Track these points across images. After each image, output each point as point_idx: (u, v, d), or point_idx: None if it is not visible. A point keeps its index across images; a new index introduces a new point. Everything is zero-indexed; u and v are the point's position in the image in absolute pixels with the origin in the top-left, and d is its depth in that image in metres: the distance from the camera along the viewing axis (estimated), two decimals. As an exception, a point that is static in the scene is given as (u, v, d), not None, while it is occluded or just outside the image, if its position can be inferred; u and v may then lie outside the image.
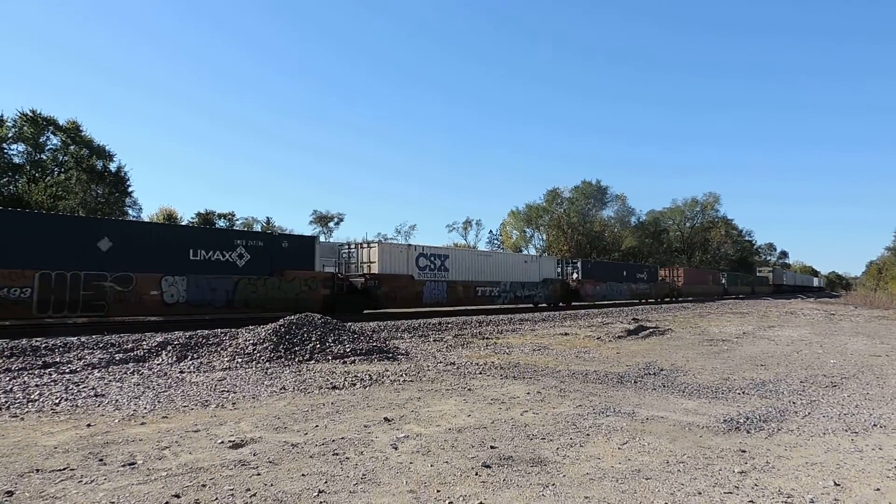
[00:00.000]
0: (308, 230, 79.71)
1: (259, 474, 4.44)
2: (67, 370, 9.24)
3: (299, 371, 9.63)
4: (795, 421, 6.68)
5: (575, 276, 39.32)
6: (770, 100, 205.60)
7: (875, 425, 6.52)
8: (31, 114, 37.40)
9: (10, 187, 36.36)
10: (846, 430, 6.26)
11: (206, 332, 12.38)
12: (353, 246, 26.56)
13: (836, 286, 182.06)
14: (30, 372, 9.00)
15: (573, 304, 38.41)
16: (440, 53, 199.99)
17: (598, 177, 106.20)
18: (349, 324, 13.41)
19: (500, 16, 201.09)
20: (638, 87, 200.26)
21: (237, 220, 67.59)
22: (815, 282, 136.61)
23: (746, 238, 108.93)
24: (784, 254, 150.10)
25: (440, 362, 11.10)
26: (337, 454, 4.99)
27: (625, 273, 45.83)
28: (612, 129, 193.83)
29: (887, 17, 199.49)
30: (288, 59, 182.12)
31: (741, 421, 6.55)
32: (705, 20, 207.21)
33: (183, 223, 50.50)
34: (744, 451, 5.31)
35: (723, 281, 66.03)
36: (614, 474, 4.59)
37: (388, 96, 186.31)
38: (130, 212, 44.60)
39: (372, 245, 25.58)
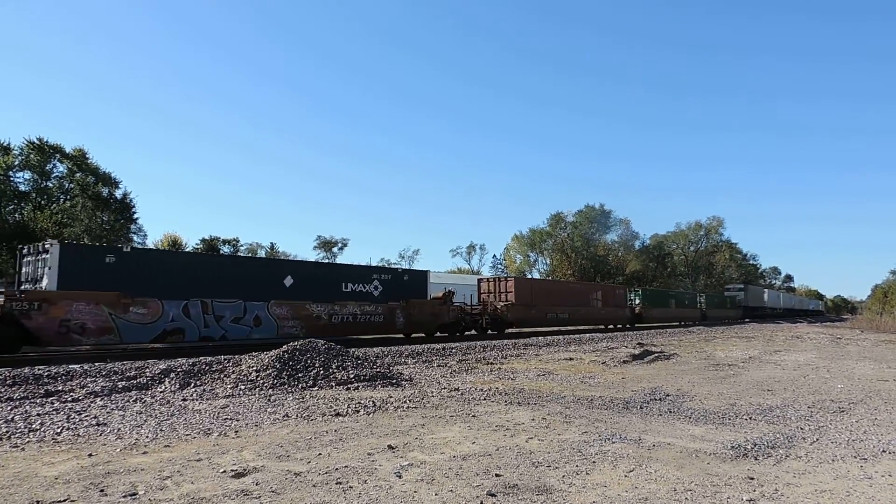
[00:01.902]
0: (312, 255, 79.90)
1: (261, 504, 4.39)
2: (69, 398, 9.20)
3: (302, 398, 9.58)
4: (804, 447, 6.60)
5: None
6: (775, 121, 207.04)
7: (884, 451, 6.44)
8: (37, 142, 37.84)
9: (16, 214, 36.63)
10: (855, 457, 6.18)
11: (209, 358, 12.34)
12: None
13: (841, 310, 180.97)
14: (31, 401, 8.96)
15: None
16: (444, 77, 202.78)
17: (601, 200, 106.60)
18: (352, 350, 13.36)
19: (502, 38, 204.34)
20: (641, 109, 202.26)
21: (242, 245, 67.87)
22: (813, 304, 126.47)
23: (751, 262, 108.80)
24: (789, 277, 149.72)
25: (444, 388, 11.02)
26: (340, 483, 4.94)
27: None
28: (616, 151, 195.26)
29: (890, 38, 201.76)
30: (290, 83, 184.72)
31: (749, 447, 6.47)
32: (708, 42, 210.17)
33: (188, 249, 50.69)
34: (752, 479, 5.24)
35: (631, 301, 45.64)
36: (621, 503, 4.53)
37: (392, 120, 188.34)
38: (136, 238, 44.83)
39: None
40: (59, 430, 7.03)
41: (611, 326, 41.23)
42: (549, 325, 34.59)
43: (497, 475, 5.22)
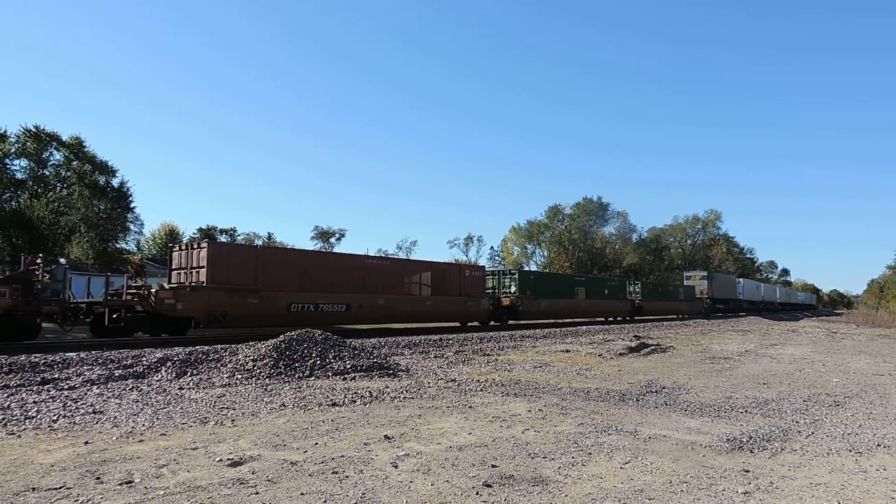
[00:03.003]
0: (309, 245, 79.76)
1: (257, 493, 4.40)
2: (66, 386, 9.19)
3: (299, 388, 9.58)
4: (799, 440, 6.63)
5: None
6: (772, 117, 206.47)
7: (879, 445, 6.46)
8: (34, 130, 37.62)
9: (13, 203, 36.48)
10: (850, 450, 6.20)
11: (206, 347, 12.34)
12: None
13: (837, 304, 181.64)
14: (28, 388, 8.95)
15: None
16: (441, 69, 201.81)
17: (599, 193, 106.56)
18: (349, 340, 13.36)
19: (502, 32, 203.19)
20: (640, 103, 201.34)
21: (239, 235, 67.77)
22: (804, 298, 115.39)
23: (748, 255, 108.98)
24: (786, 271, 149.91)
25: (441, 379, 11.03)
26: (336, 472, 4.95)
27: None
28: (614, 144, 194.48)
29: (889, 34, 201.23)
30: (289, 73, 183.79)
31: (744, 440, 6.49)
32: (706, 37, 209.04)
33: (185, 239, 50.58)
34: (747, 471, 5.26)
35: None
36: (616, 494, 4.54)
37: (391, 112, 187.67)
38: (132, 227, 44.72)
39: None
40: (55, 418, 7.02)
41: (599, 319, 39.85)
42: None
43: (493, 466, 5.23)
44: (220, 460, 5.24)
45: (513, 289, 32.39)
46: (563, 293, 36.29)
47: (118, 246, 46.18)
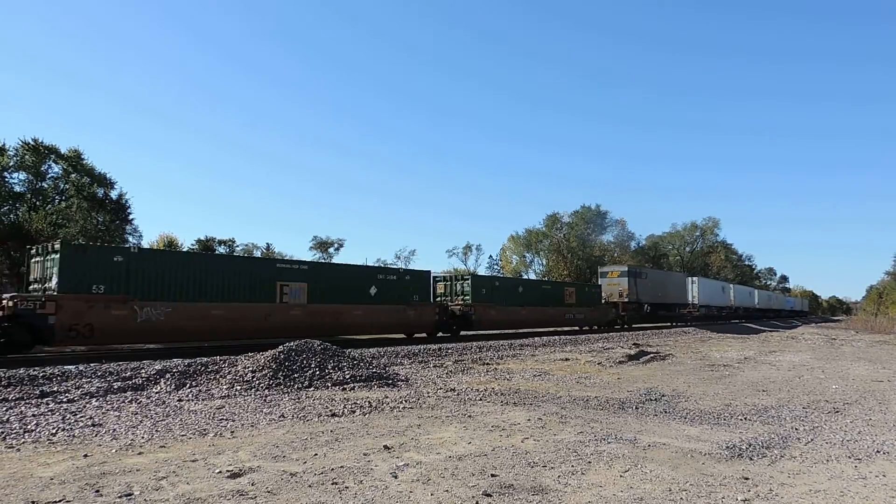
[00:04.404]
0: (308, 256, 79.71)
1: (257, 504, 4.39)
2: (65, 399, 9.18)
3: (298, 398, 9.57)
4: (798, 447, 6.63)
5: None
6: (771, 123, 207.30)
7: (878, 451, 6.47)
8: (32, 142, 37.69)
9: (11, 216, 36.49)
10: (849, 457, 6.21)
11: (205, 359, 12.32)
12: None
13: (836, 311, 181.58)
14: (27, 401, 8.94)
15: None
16: (440, 77, 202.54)
17: (597, 201, 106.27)
18: (348, 350, 13.35)
19: (500, 38, 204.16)
20: (638, 110, 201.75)
21: (237, 246, 67.71)
22: (794, 304, 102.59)
23: (746, 262, 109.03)
24: (784, 278, 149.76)
25: (440, 388, 11.03)
26: (336, 483, 4.95)
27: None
28: (612, 152, 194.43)
29: (887, 39, 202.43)
30: (286, 82, 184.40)
31: (744, 448, 6.49)
32: (704, 43, 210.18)
33: (184, 249, 50.53)
34: (747, 479, 5.26)
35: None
36: (616, 502, 4.55)
37: (388, 120, 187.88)
38: (131, 239, 44.70)
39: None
40: (54, 431, 7.01)
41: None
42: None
43: (493, 475, 5.23)
44: (220, 472, 5.24)
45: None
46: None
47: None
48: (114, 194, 42.19)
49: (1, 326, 14.89)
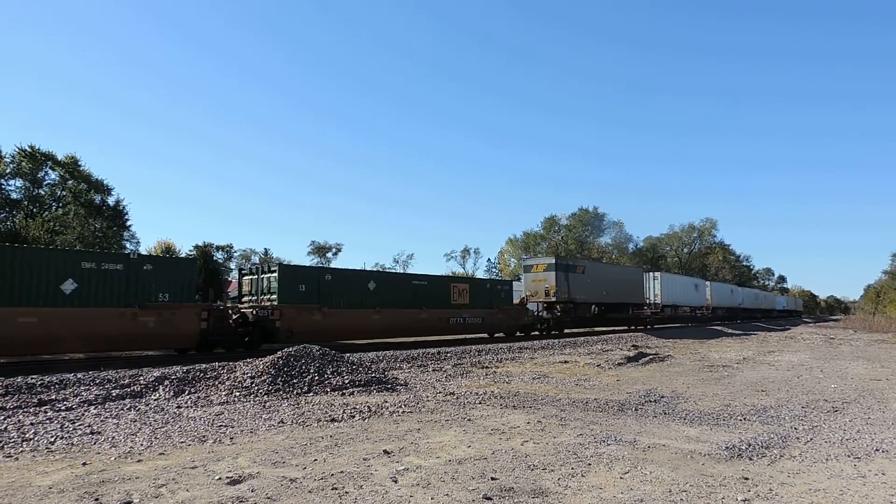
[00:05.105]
0: (307, 261, 79.58)
1: (257, 511, 4.38)
2: (63, 407, 9.15)
3: (298, 404, 9.55)
4: (798, 447, 6.64)
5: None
6: (768, 123, 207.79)
7: (877, 450, 6.48)
8: (29, 149, 37.65)
9: (8, 223, 36.42)
10: (849, 456, 6.21)
11: (204, 365, 12.29)
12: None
13: (834, 310, 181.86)
14: (25, 410, 8.91)
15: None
16: (438, 81, 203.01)
17: (595, 202, 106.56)
18: (347, 355, 13.33)
19: (497, 42, 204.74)
20: (635, 112, 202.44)
21: (235, 251, 67.65)
22: (785, 303, 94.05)
23: (744, 263, 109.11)
24: (782, 278, 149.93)
25: (439, 392, 11.02)
26: (336, 489, 4.94)
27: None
28: (610, 154, 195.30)
29: (885, 40, 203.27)
30: (284, 87, 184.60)
31: (743, 448, 6.50)
32: (701, 45, 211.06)
33: (183, 255, 50.45)
34: (746, 479, 5.27)
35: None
36: (616, 505, 4.54)
37: (386, 125, 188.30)
38: (128, 245, 44.61)
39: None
40: (52, 439, 6.99)
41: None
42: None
43: (493, 479, 5.23)
44: (220, 479, 5.23)
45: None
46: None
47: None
48: (111, 200, 42.14)
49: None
